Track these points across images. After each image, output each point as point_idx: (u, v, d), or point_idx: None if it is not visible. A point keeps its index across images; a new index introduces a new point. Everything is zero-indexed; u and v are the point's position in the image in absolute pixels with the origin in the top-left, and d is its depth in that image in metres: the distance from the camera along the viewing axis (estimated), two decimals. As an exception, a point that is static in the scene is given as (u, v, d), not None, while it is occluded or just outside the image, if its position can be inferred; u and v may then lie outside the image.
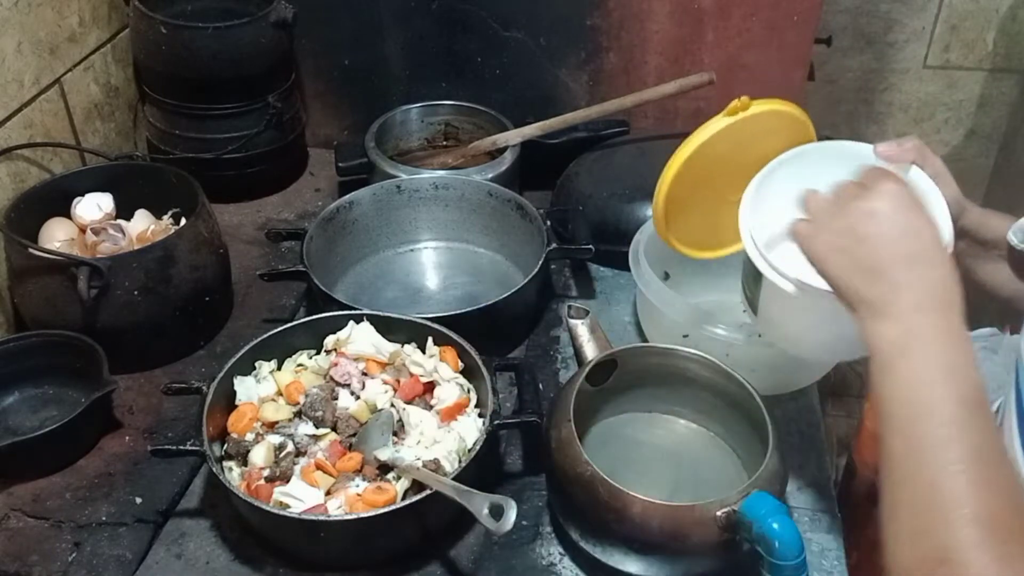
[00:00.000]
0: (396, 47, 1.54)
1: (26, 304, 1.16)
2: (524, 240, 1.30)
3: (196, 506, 1.01)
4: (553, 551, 0.96)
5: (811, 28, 1.45)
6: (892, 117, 1.91)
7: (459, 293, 1.31)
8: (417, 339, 1.07)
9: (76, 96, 1.35)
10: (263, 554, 0.95)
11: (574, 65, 1.53)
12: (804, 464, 1.06)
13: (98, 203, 1.23)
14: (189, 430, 0.97)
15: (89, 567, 0.94)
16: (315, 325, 1.08)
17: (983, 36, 1.79)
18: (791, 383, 1.15)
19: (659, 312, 1.11)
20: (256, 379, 1.03)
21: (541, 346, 1.23)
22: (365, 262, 1.35)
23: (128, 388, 1.15)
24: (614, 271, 1.35)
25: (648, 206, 1.31)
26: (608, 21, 1.47)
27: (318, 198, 1.53)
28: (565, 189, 1.41)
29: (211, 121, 1.41)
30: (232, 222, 1.45)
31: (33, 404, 1.12)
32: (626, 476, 0.86)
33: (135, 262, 1.11)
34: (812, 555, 0.95)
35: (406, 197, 1.34)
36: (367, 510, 0.88)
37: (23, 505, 1.00)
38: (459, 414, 1.00)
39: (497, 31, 1.50)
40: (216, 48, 1.35)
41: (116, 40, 1.45)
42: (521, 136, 1.43)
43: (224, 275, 1.25)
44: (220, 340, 1.23)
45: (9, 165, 1.22)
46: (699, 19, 1.45)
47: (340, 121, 1.64)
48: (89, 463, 1.06)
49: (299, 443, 0.96)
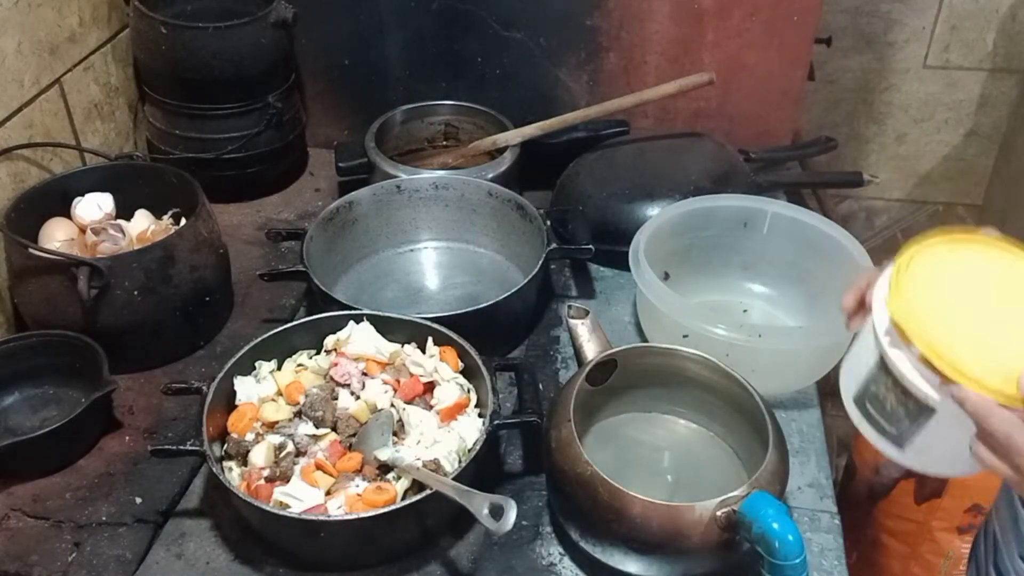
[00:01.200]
0: (396, 47, 1.54)
1: (26, 304, 1.16)
2: (524, 240, 1.30)
3: (196, 506, 1.01)
4: (553, 551, 0.96)
5: (811, 28, 1.45)
6: (892, 117, 1.91)
7: (459, 293, 1.31)
8: (417, 339, 1.07)
9: (76, 96, 1.35)
10: (263, 554, 0.95)
11: (574, 65, 1.53)
12: (804, 464, 1.06)
13: (98, 203, 1.23)
14: (189, 430, 0.97)
15: (89, 567, 0.94)
16: (315, 325, 1.08)
17: (983, 36, 1.79)
18: (791, 383, 1.15)
19: (659, 312, 1.11)
20: (256, 379, 1.03)
21: (541, 346, 1.23)
22: (365, 262, 1.35)
23: (128, 388, 1.15)
24: (614, 271, 1.36)
25: (648, 206, 1.32)
26: (608, 21, 1.48)
27: (318, 198, 1.53)
28: (565, 189, 1.41)
29: (211, 121, 1.41)
30: (232, 222, 1.45)
31: (33, 404, 1.12)
32: (626, 476, 0.86)
33: (135, 262, 1.11)
34: (812, 555, 0.95)
35: (406, 197, 1.34)
36: (367, 510, 0.88)
37: (23, 505, 1.00)
38: (459, 414, 1.00)
39: (497, 31, 1.50)
40: (216, 48, 1.35)
41: (116, 40, 1.45)
42: (521, 136, 1.43)
43: (224, 275, 1.25)
44: (220, 340, 1.23)
45: (9, 165, 1.22)
46: (699, 19, 1.45)
47: (340, 121, 1.64)
48: (89, 463, 1.06)
49: (299, 443, 0.96)
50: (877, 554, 1.38)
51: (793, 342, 1.09)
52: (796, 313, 1.25)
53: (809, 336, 1.10)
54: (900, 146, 1.94)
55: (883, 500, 1.32)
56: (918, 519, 1.27)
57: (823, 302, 1.20)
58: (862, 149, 1.96)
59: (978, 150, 1.92)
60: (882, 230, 2.05)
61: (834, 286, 1.18)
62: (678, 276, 1.25)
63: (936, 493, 1.24)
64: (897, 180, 1.98)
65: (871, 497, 1.34)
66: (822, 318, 1.19)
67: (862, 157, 1.97)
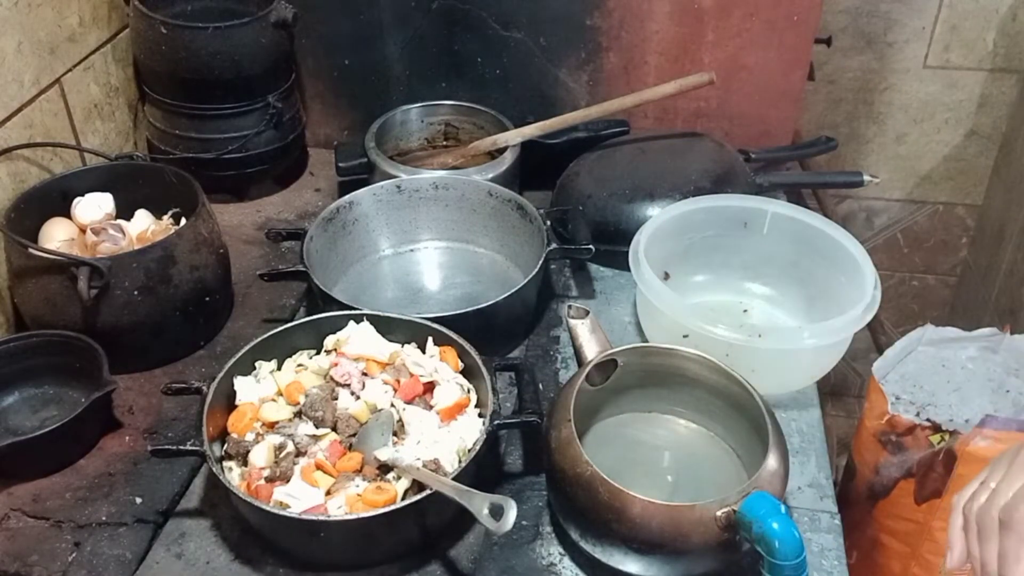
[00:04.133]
0: (396, 47, 1.54)
1: (26, 304, 1.16)
2: (524, 240, 1.30)
3: (196, 506, 1.01)
4: (553, 551, 0.96)
5: (811, 28, 1.45)
6: (892, 117, 1.91)
7: (459, 293, 1.31)
8: (417, 339, 1.07)
9: (76, 96, 1.35)
10: (263, 554, 0.95)
11: (574, 65, 1.53)
12: (804, 464, 1.06)
13: (98, 203, 1.23)
14: (189, 430, 0.97)
15: (89, 567, 0.94)
16: (315, 325, 1.08)
17: (983, 36, 1.79)
18: (791, 383, 1.15)
19: (659, 312, 1.11)
20: (256, 379, 1.03)
21: (541, 346, 1.23)
22: (365, 262, 1.35)
23: (128, 388, 1.15)
24: (614, 271, 1.36)
25: (648, 206, 1.32)
26: (608, 21, 1.48)
27: (318, 198, 1.53)
28: (565, 189, 1.41)
29: (211, 121, 1.41)
30: (232, 222, 1.45)
31: (33, 404, 1.12)
32: (626, 476, 0.86)
33: (135, 262, 1.11)
34: (812, 555, 0.95)
35: (406, 197, 1.34)
36: (367, 510, 0.88)
37: (23, 505, 1.00)
38: (459, 414, 0.99)
39: (497, 31, 1.50)
40: (216, 48, 1.35)
41: (116, 40, 1.45)
42: (521, 136, 1.43)
43: (224, 275, 1.25)
44: (220, 340, 1.23)
45: (9, 165, 1.22)
46: (699, 19, 1.45)
47: (340, 121, 1.64)
48: (89, 463, 1.06)
49: (299, 443, 0.96)
50: (877, 554, 1.38)
51: (793, 342, 1.09)
52: (796, 313, 1.25)
53: (809, 336, 1.10)
54: (900, 146, 1.94)
55: (883, 500, 1.32)
56: (918, 519, 1.27)
57: (823, 302, 1.20)
58: (862, 149, 1.96)
59: (978, 150, 1.92)
60: (882, 230, 2.05)
61: (834, 286, 1.19)
62: (678, 276, 1.25)
63: (936, 493, 1.24)
64: (897, 180, 1.98)
65: (871, 497, 1.34)
66: (822, 318, 1.19)
67: (862, 157, 1.97)
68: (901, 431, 1.26)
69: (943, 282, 2.11)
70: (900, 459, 1.28)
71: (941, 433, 1.23)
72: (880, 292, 1.10)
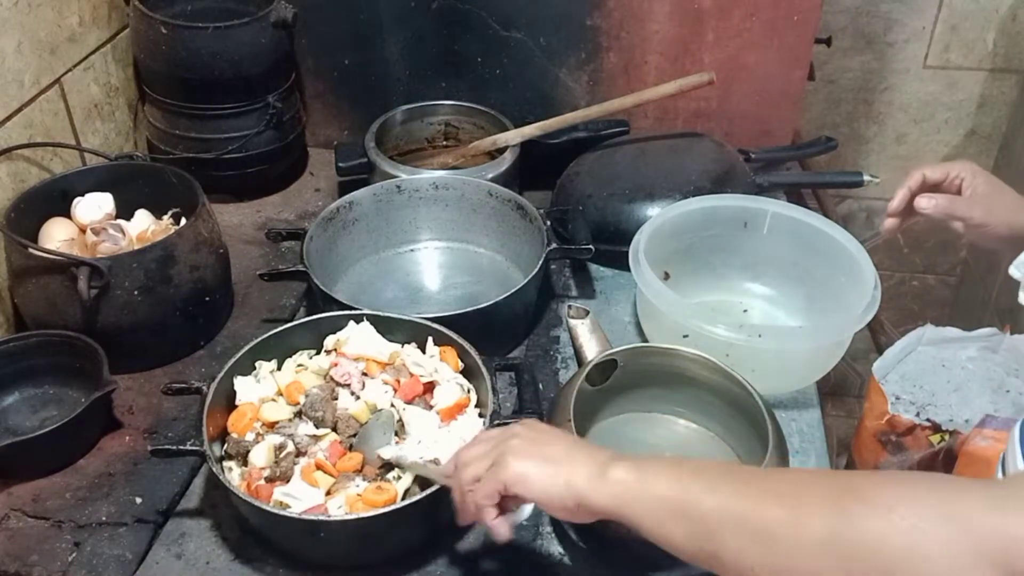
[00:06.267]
0: (396, 47, 1.54)
1: (26, 304, 1.16)
2: (524, 240, 1.30)
3: (196, 506, 1.01)
4: (553, 551, 0.96)
5: (811, 28, 1.45)
6: (892, 117, 1.91)
7: (459, 293, 1.31)
8: (417, 339, 1.07)
9: (76, 96, 1.35)
10: (263, 554, 0.95)
11: (574, 65, 1.53)
12: (804, 464, 1.06)
13: (98, 203, 1.23)
14: (189, 430, 0.97)
15: (89, 567, 0.94)
16: (315, 325, 1.08)
17: (983, 36, 1.79)
18: (791, 383, 1.15)
19: (659, 312, 1.11)
20: (256, 379, 1.03)
21: (541, 346, 1.23)
22: (365, 262, 1.35)
23: (128, 388, 1.15)
24: (614, 271, 1.36)
25: (648, 206, 1.32)
26: (608, 21, 1.48)
27: (318, 198, 1.53)
28: (565, 189, 1.41)
29: (211, 121, 1.41)
30: (232, 222, 1.45)
31: (33, 404, 1.12)
32: (626, 476, 0.86)
33: (135, 262, 1.11)
34: (812, 555, 0.95)
35: (406, 197, 1.34)
36: (367, 510, 0.88)
37: (23, 505, 1.00)
38: (459, 414, 0.99)
39: (497, 31, 1.50)
40: (216, 48, 1.35)
41: (116, 40, 1.45)
42: (521, 136, 1.43)
43: (224, 275, 1.25)
44: (220, 340, 1.23)
45: (9, 165, 1.22)
46: (699, 19, 1.45)
47: (340, 121, 1.64)
48: (89, 463, 1.06)
49: (299, 443, 0.96)
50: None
51: (793, 342, 1.09)
52: (796, 313, 1.25)
53: (809, 336, 1.10)
54: (900, 146, 1.94)
55: (883, 500, 1.32)
56: (918, 519, 1.27)
57: (823, 302, 1.20)
58: (862, 149, 1.96)
59: (978, 150, 1.92)
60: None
61: (834, 286, 1.19)
62: (678, 276, 1.25)
63: (936, 493, 1.24)
64: (897, 180, 1.98)
65: (871, 497, 1.34)
66: (822, 318, 1.19)
67: (862, 157, 1.97)
68: (901, 431, 1.26)
69: (943, 282, 2.11)
70: (900, 459, 1.28)
71: (941, 433, 1.23)
72: (880, 292, 1.10)
